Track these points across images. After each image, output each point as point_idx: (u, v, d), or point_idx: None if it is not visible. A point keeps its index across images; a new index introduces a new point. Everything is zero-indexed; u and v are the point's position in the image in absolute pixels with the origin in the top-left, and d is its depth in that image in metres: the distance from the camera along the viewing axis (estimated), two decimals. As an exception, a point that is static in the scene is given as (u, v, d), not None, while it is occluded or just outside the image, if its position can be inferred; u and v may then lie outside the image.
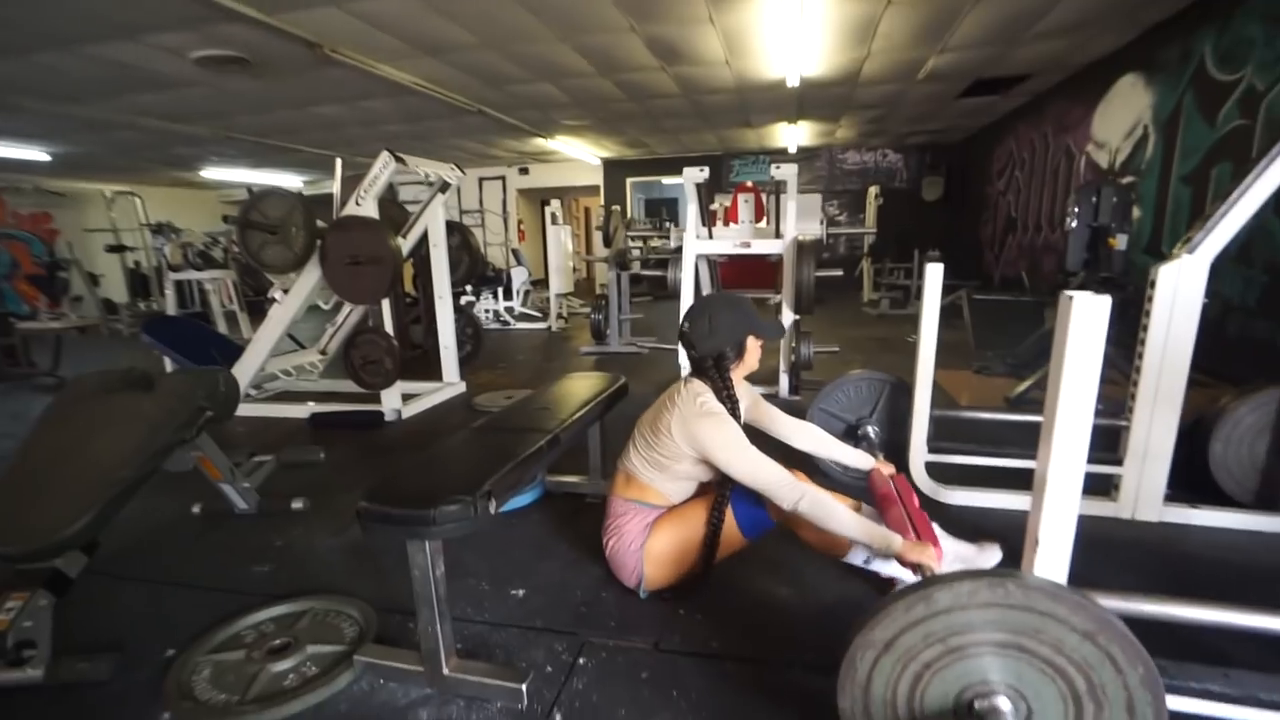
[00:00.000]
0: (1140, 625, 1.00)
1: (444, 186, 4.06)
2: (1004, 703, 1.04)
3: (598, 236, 7.98)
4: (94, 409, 1.91)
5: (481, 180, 11.56)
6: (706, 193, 3.97)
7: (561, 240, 7.16)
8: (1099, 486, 2.27)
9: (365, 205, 3.47)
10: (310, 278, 3.57)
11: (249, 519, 2.45)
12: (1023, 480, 2.30)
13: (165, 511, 2.56)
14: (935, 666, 1.07)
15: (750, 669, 1.56)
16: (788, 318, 3.73)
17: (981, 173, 9.21)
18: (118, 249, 7.90)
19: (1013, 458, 2.33)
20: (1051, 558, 1.10)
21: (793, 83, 6.14)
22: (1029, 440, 1.34)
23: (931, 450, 2.38)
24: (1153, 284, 2.09)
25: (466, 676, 1.46)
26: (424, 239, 4.16)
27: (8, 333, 5.44)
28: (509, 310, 7.85)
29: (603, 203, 11.03)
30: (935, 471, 2.42)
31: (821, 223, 4.66)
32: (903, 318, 7.32)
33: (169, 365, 4.43)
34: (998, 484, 2.36)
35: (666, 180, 11.34)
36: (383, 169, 3.44)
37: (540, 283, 9.75)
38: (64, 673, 1.56)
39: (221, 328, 6.67)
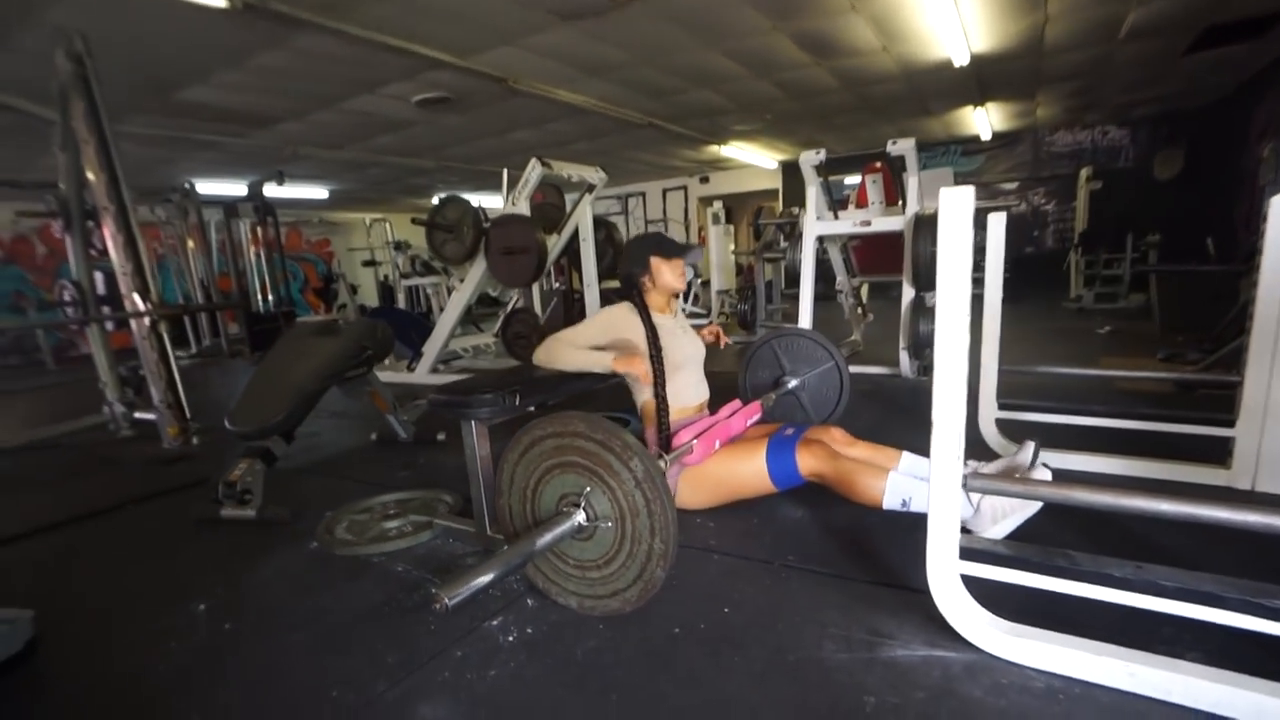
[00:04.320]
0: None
1: (589, 187, 4.61)
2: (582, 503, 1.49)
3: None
4: (300, 345, 2.69)
5: (665, 191, 12.28)
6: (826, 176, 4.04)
7: (723, 239, 7.46)
8: (1209, 452, 2.05)
9: (519, 204, 4.13)
10: (478, 268, 4.32)
11: (406, 445, 3.17)
12: (1104, 440, 2.15)
13: (355, 438, 3.40)
14: (551, 472, 1.54)
15: (735, 562, 1.76)
16: (908, 294, 3.67)
17: (1236, 140, 7.69)
18: (371, 263, 9.90)
19: (1094, 416, 2.17)
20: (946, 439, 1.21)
21: (961, 62, 5.80)
22: (1110, 397, 1.41)
23: (1002, 407, 2.30)
24: (1264, 217, 1.86)
25: (500, 536, 1.87)
26: (575, 235, 4.75)
27: (295, 325, 7.17)
28: (674, 308, 8.31)
29: (782, 207, 11.10)
30: (1007, 430, 2.33)
31: None
32: (1107, 313, 6.46)
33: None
34: (1077, 445, 2.21)
35: (849, 180, 11.06)
36: (532, 172, 4.08)
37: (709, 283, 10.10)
38: (265, 513, 2.28)
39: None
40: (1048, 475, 1.76)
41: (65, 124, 3.37)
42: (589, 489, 1.48)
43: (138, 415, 3.85)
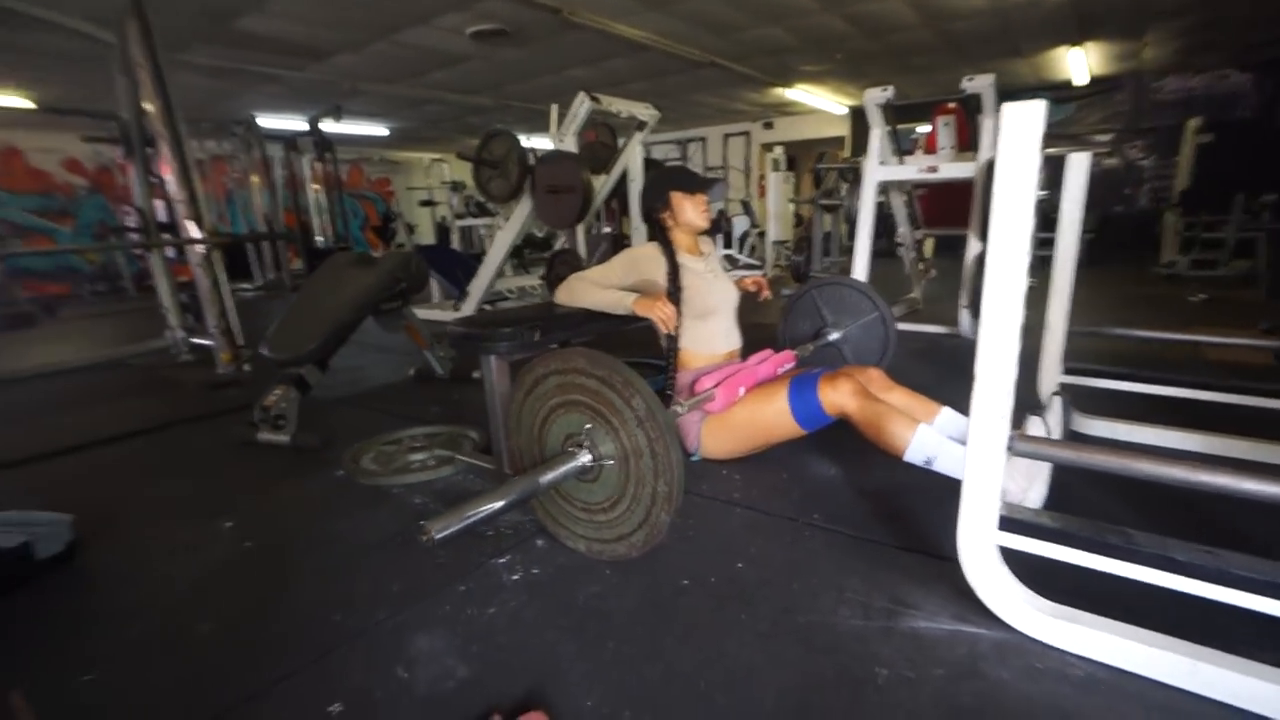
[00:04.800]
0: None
1: (640, 125, 4.42)
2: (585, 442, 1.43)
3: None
4: (336, 275, 2.68)
5: (726, 136, 11.82)
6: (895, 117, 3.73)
7: (782, 187, 7.12)
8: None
9: (566, 141, 4.00)
10: (523, 207, 4.24)
11: (443, 381, 3.17)
12: (1185, 414, 1.94)
13: (394, 373, 3.43)
14: (556, 411, 1.49)
15: (757, 517, 1.67)
16: (974, 247, 3.39)
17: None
18: (428, 203, 9.94)
19: (1175, 386, 1.95)
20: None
21: (1061, -10, 5.24)
22: (1197, 368, 1.25)
23: (1067, 371, 2.09)
24: None
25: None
26: (624, 176, 4.60)
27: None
28: (728, 258, 8.08)
29: (848, 155, 10.53)
30: (1075, 398, 2.12)
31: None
32: (1204, 281, 5.89)
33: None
34: (1151, 417, 2.00)
35: (921, 128, 10.37)
36: (580, 106, 3.92)
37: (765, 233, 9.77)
38: (298, 439, 2.32)
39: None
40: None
41: (123, 48, 3.41)
42: (590, 427, 1.41)
43: (196, 340, 4.00)
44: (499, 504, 1.28)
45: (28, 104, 6.95)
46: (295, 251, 8.54)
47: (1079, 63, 7.75)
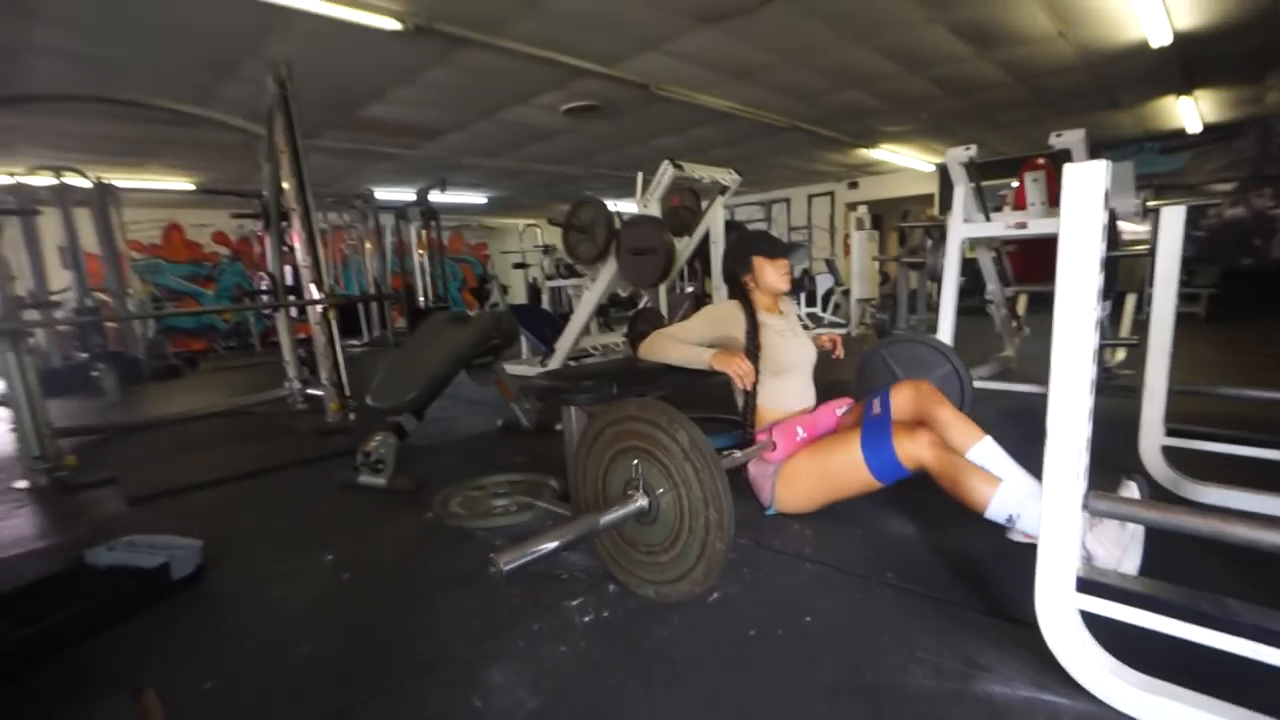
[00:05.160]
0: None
1: (722, 189, 4.58)
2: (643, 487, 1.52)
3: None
4: (435, 333, 2.92)
5: (810, 196, 11.90)
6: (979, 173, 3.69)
7: (866, 245, 7.08)
8: None
9: (650, 206, 4.20)
10: (609, 268, 4.44)
11: (528, 432, 3.32)
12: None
13: (482, 424, 3.63)
14: (615, 459, 1.57)
15: (827, 572, 1.65)
16: (1069, 305, 3.25)
17: None
18: (521, 265, 10.53)
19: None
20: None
21: (1161, 42, 5.05)
22: None
23: (1170, 433, 1.96)
24: None
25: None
26: (706, 238, 4.75)
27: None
28: (812, 316, 8.04)
29: (937, 212, 10.34)
30: (1179, 461, 1.98)
31: (1139, 197, 3.80)
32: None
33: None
34: (1266, 484, 1.83)
35: (1016, 184, 10.06)
36: (664, 174, 4.13)
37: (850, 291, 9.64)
38: (394, 482, 2.50)
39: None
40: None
41: (270, 138, 3.94)
42: (641, 465, 1.50)
43: (310, 391, 4.39)
44: (559, 541, 1.38)
45: (190, 185, 8.04)
46: (399, 311, 9.23)
47: (1189, 111, 7.37)
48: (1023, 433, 1.67)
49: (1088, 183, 1.03)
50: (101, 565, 1.81)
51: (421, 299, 9.05)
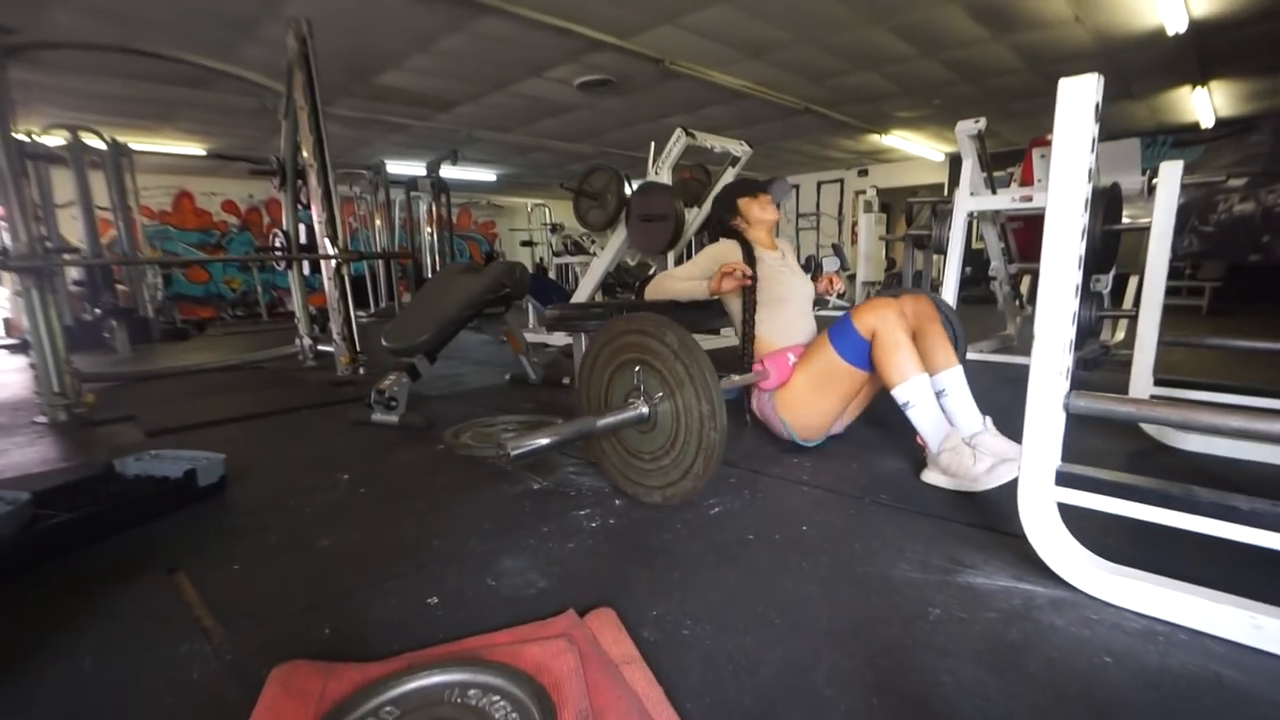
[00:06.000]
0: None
1: (733, 160, 4.63)
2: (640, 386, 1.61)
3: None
4: (448, 280, 2.99)
5: (820, 184, 11.92)
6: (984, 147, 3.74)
7: (873, 228, 7.13)
8: None
9: (661, 173, 4.26)
10: (618, 236, 4.51)
11: (535, 386, 3.40)
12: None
13: (491, 377, 3.71)
14: (615, 374, 1.66)
15: (824, 494, 1.73)
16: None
17: None
18: (528, 244, 10.63)
19: (1273, 397, 1.86)
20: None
21: (1176, 29, 5.06)
22: None
23: (1159, 383, 2.03)
24: None
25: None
26: (714, 209, 4.80)
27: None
28: (820, 301, 8.07)
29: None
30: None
31: (1144, 175, 3.85)
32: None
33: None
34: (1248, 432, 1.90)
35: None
36: (675, 142, 4.19)
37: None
38: (406, 419, 2.58)
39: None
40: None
41: (289, 95, 3.99)
42: (642, 372, 1.58)
43: (320, 348, 4.47)
44: (561, 435, 1.50)
45: (200, 151, 8.10)
46: (406, 285, 9.30)
47: (1203, 103, 7.37)
48: (1009, 399, 1.74)
49: (1082, 93, 1.09)
50: (129, 474, 1.90)
51: (428, 275, 9.13)
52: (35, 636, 1.15)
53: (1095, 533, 1.24)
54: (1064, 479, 1.16)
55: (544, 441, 1.41)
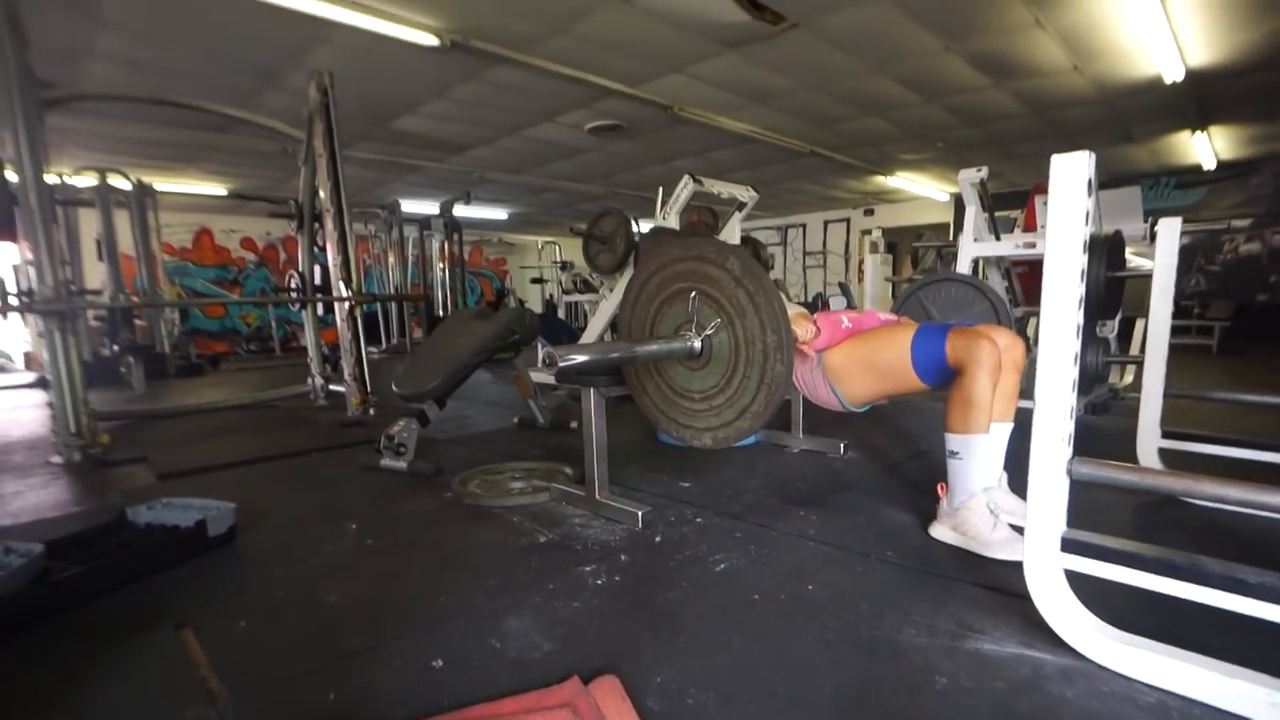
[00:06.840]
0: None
1: (740, 206, 4.71)
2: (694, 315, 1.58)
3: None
4: (459, 326, 3.03)
5: (826, 223, 12.04)
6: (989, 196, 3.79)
7: (879, 268, 7.16)
8: None
9: (669, 220, 4.33)
10: (627, 278, 4.56)
11: (543, 429, 3.42)
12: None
13: (500, 421, 3.73)
14: (662, 307, 1.65)
15: (830, 550, 1.72)
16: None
17: None
18: (538, 281, 10.77)
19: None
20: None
21: (1174, 78, 5.16)
22: None
23: (1166, 435, 2.02)
24: None
25: (608, 502, 2.00)
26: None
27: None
28: (825, 339, 8.09)
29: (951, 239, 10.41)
30: (1172, 462, 2.03)
31: (1147, 221, 3.88)
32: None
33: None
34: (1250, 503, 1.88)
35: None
36: (683, 188, 4.27)
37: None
38: (414, 465, 2.59)
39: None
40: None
41: (309, 142, 4.12)
42: (695, 299, 1.53)
43: (332, 388, 4.52)
44: (604, 355, 1.51)
45: (221, 190, 8.32)
46: (417, 321, 9.42)
47: (1204, 147, 7.46)
48: (1015, 446, 1.73)
49: (1072, 172, 1.12)
50: (141, 523, 1.92)
51: (440, 311, 9.23)
52: (45, 697, 1.16)
53: (1105, 597, 1.23)
54: (1069, 545, 1.16)
55: (584, 358, 1.45)
